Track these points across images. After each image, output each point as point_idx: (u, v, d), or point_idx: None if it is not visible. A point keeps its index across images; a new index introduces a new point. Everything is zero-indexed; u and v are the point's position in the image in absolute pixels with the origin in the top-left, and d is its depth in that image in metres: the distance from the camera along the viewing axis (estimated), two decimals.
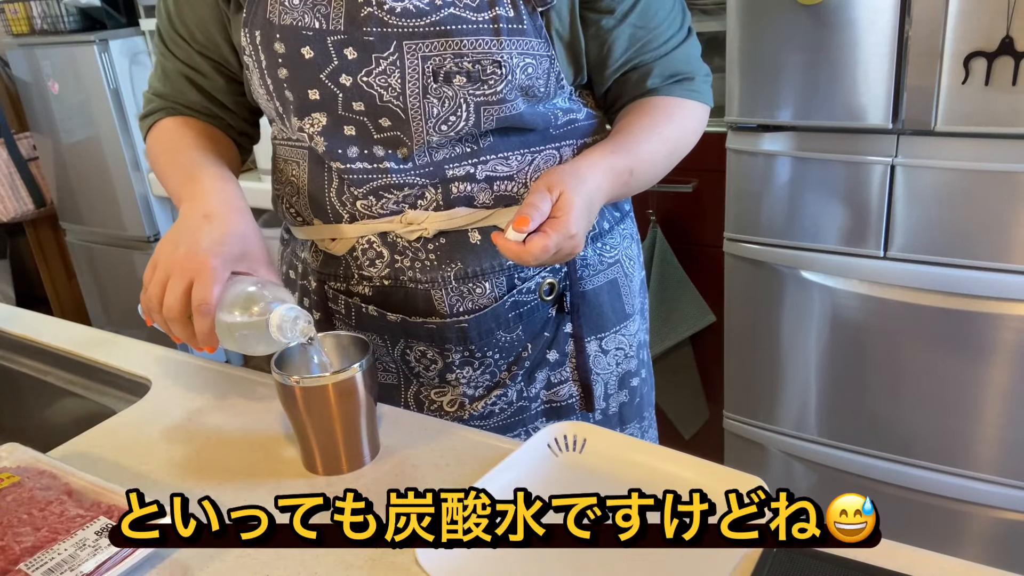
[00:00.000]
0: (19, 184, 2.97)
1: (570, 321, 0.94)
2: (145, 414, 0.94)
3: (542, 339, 0.93)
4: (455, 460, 0.80)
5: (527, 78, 0.80)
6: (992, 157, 1.35)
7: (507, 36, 0.78)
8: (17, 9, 2.69)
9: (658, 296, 1.91)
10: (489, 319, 0.89)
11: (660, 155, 0.86)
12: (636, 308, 1.01)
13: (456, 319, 0.88)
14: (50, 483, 0.74)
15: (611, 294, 0.96)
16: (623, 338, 0.99)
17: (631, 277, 0.99)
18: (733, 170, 1.62)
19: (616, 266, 0.97)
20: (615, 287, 0.97)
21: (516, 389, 0.94)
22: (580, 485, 0.73)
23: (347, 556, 0.68)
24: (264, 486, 0.78)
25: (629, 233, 1.01)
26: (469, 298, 0.88)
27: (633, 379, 1.03)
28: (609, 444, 0.78)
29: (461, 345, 0.90)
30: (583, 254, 0.92)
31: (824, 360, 1.64)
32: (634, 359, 1.02)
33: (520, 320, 0.90)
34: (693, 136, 0.91)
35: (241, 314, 0.73)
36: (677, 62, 0.89)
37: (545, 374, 0.95)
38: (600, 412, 1.01)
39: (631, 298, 1.00)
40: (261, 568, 0.68)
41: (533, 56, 0.80)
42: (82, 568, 0.64)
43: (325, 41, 0.78)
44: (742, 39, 1.51)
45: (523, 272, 0.89)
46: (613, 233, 0.97)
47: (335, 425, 0.77)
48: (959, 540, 1.61)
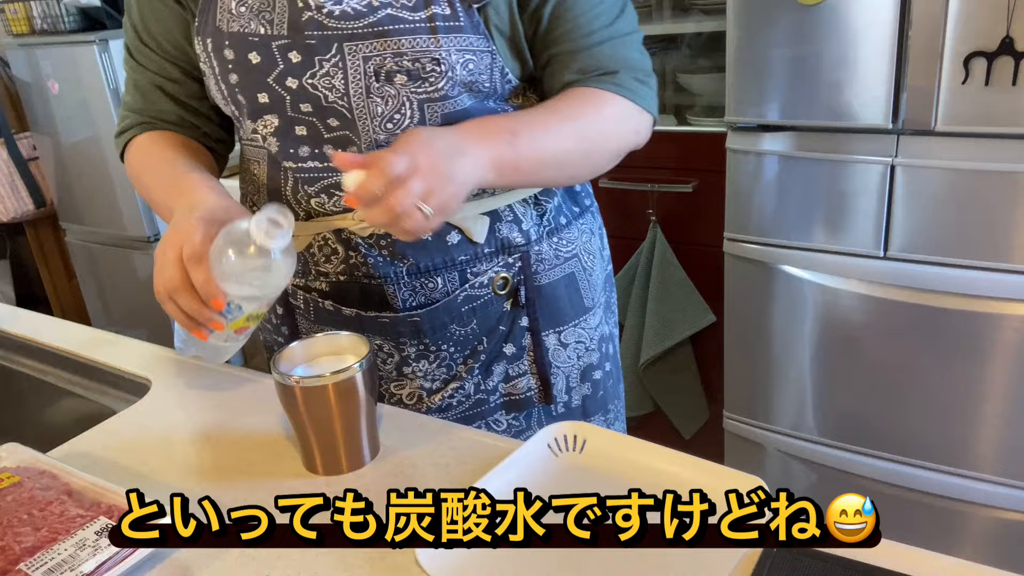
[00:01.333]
0: (19, 184, 2.97)
1: (526, 315, 0.94)
2: (145, 414, 0.94)
3: (497, 333, 0.94)
4: (455, 460, 0.80)
5: (468, 74, 0.82)
6: (992, 157, 1.35)
7: (444, 34, 0.79)
8: (17, 9, 2.69)
9: (658, 296, 1.91)
10: (442, 313, 0.90)
11: (560, 131, 0.82)
12: (598, 302, 1.01)
13: (409, 313, 0.89)
14: (50, 483, 0.74)
15: (569, 288, 0.97)
16: (583, 331, 1.00)
17: (591, 271, 1.00)
18: (733, 170, 1.62)
19: (574, 260, 0.97)
20: (573, 281, 0.97)
21: (473, 382, 0.95)
22: (580, 485, 0.73)
23: (347, 556, 0.68)
24: (264, 486, 0.78)
25: (589, 228, 1.01)
26: (422, 292, 0.90)
27: (596, 372, 1.03)
28: (609, 444, 0.78)
29: (416, 339, 0.91)
30: (537, 249, 0.92)
31: (824, 360, 1.64)
32: (596, 352, 1.02)
33: (474, 314, 0.92)
34: (613, 125, 0.87)
35: (233, 252, 0.72)
36: (603, 57, 0.86)
37: (503, 367, 0.96)
38: (563, 405, 1.01)
39: (591, 292, 1.00)
40: (261, 568, 0.68)
41: (473, 52, 0.81)
42: (82, 568, 0.64)
43: (270, 46, 0.80)
44: (742, 39, 1.51)
45: (475, 267, 0.90)
46: (571, 228, 0.97)
47: (335, 425, 0.77)
48: (959, 540, 1.61)
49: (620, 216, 2.00)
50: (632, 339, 1.98)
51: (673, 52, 2.09)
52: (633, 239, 1.99)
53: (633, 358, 1.99)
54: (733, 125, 1.59)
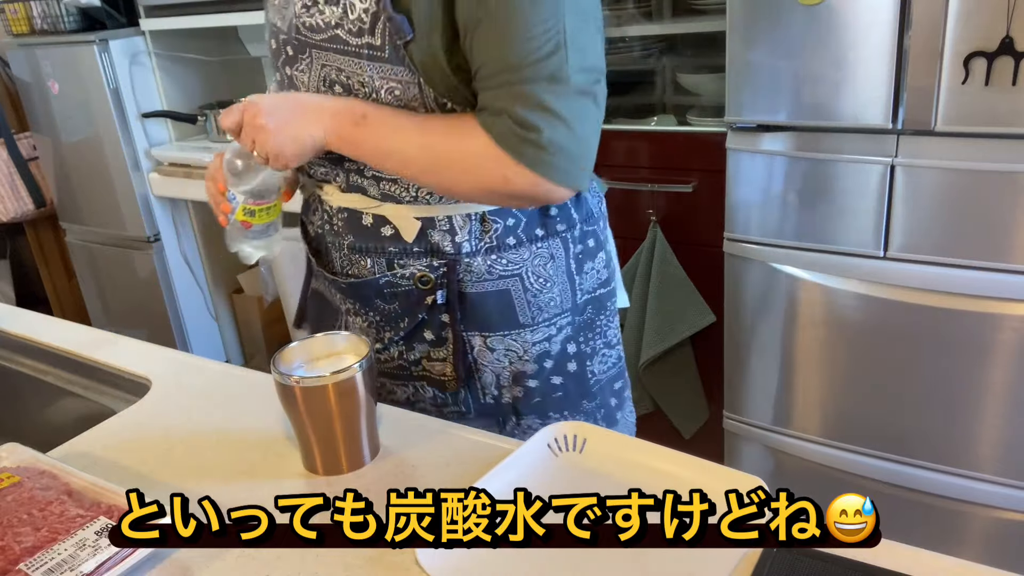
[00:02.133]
0: (19, 184, 2.97)
1: (446, 313, 0.99)
2: (145, 414, 0.94)
3: (418, 319, 1.00)
4: (455, 460, 0.80)
5: (395, 99, 0.89)
6: (992, 157, 1.35)
7: (369, 62, 0.88)
8: (17, 9, 2.69)
9: (658, 296, 1.91)
10: (366, 288, 1.00)
11: (407, 136, 0.88)
12: (541, 321, 1.02)
13: (343, 279, 1.02)
14: (50, 483, 0.74)
15: (500, 303, 0.99)
16: (515, 343, 1.02)
17: (538, 293, 1.00)
18: (733, 170, 1.62)
19: (513, 279, 0.99)
20: (507, 297, 0.99)
21: (397, 350, 1.04)
22: (580, 485, 0.73)
23: (347, 556, 0.68)
24: (264, 486, 0.78)
25: (550, 253, 1.00)
26: (355, 266, 1.01)
27: (530, 380, 1.04)
28: (609, 444, 0.78)
29: (351, 300, 1.03)
30: (468, 260, 0.97)
31: (824, 360, 1.64)
32: (532, 364, 1.03)
33: (396, 298, 0.99)
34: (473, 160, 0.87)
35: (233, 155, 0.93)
36: (494, 97, 0.85)
37: (424, 348, 1.02)
38: (491, 398, 1.04)
39: (531, 311, 1.01)
40: (261, 568, 0.68)
41: (398, 81, 0.88)
42: (82, 568, 0.64)
43: (279, 37, 0.95)
44: (742, 39, 1.51)
45: (402, 260, 0.98)
46: (520, 249, 0.98)
47: (335, 425, 0.77)
48: (959, 540, 1.61)
49: (620, 216, 1.99)
50: (632, 339, 1.98)
51: (673, 52, 2.09)
52: (633, 239, 1.99)
53: (633, 358, 1.99)
54: (733, 125, 1.59)
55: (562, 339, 1.04)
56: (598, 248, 1.06)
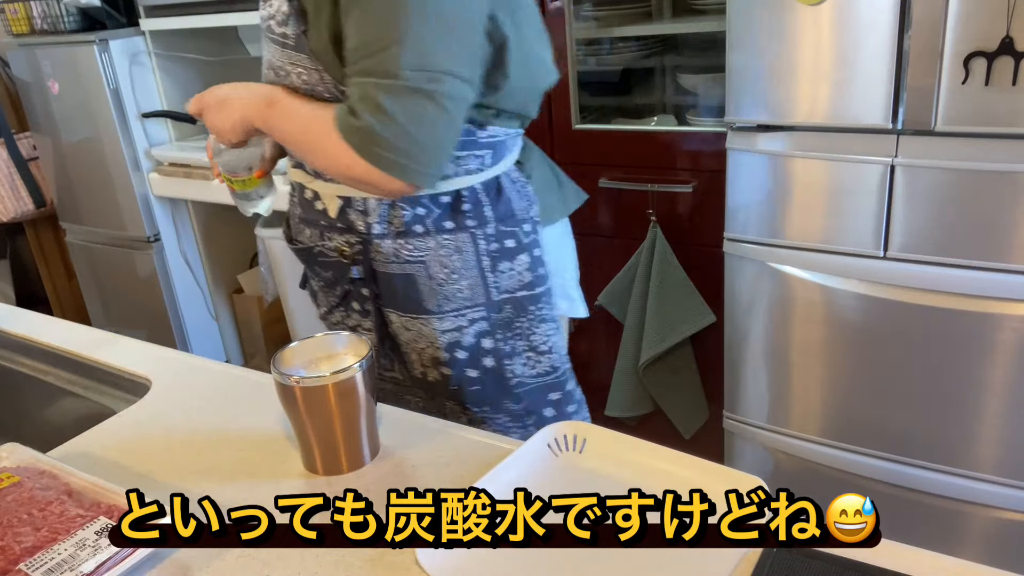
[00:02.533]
0: (19, 184, 2.97)
1: (365, 288, 1.09)
2: (145, 414, 0.94)
3: (345, 289, 1.12)
4: (455, 460, 0.80)
5: (303, 84, 0.99)
6: (992, 157, 1.35)
7: (283, 49, 0.99)
8: (17, 9, 2.69)
9: (658, 296, 1.91)
10: (306, 254, 1.13)
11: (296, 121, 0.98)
12: (449, 311, 1.07)
13: (294, 244, 1.15)
14: (50, 483, 0.74)
15: (406, 286, 1.06)
16: (424, 327, 1.08)
17: (444, 283, 1.06)
18: (733, 170, 1.62)
19: (418, 265, 1.05)
20: (412, 282, 1.06)
21: (340, 315, 1.16)
22: (580, 485, 0.73)
23: (347, 556, 0.68)
24: (264, 486, 0.78)
25: (457, 247, 1.05)
26: (301, 234, 1.13)
27: (444, 367, 1.10)
28: (609, 444, 0.78)
29: (302, 264, 1.18)
30: (377, 241, 1.05)
31: (824, 360, 1.64)
32: (444, 352, 1.09)
33: (328, 267, 1.11)
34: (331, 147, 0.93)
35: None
36: (351, 87, 0.91)
37: (357, 317, 1.14)
38: (419, 373, 1.12)
39: (437, 299, 1.06)
40: (261, 568, 0.68)
41: (304, 68, 0.98)
42: (82, 568, 0.64)
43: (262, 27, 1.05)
44: (742, 39, 1.51)
45: (329, 233, 1.08)
46: (426, 238, 1.04)
47: (335, 425, 0.77)
48: (959, 540, 1.61)
49: (620, 216, 2.00)
50: (632, 339, 1.98)
51: (673, 52, 2.10)
52: (633, 239, 1.99)
53: (633, 358, 1.99)
54: (733, 125, 1.59)
55: (475, 332, 1.08)
56: (520, 251, 1.08)
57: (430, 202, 1.03)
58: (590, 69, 2.05)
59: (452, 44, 0.89)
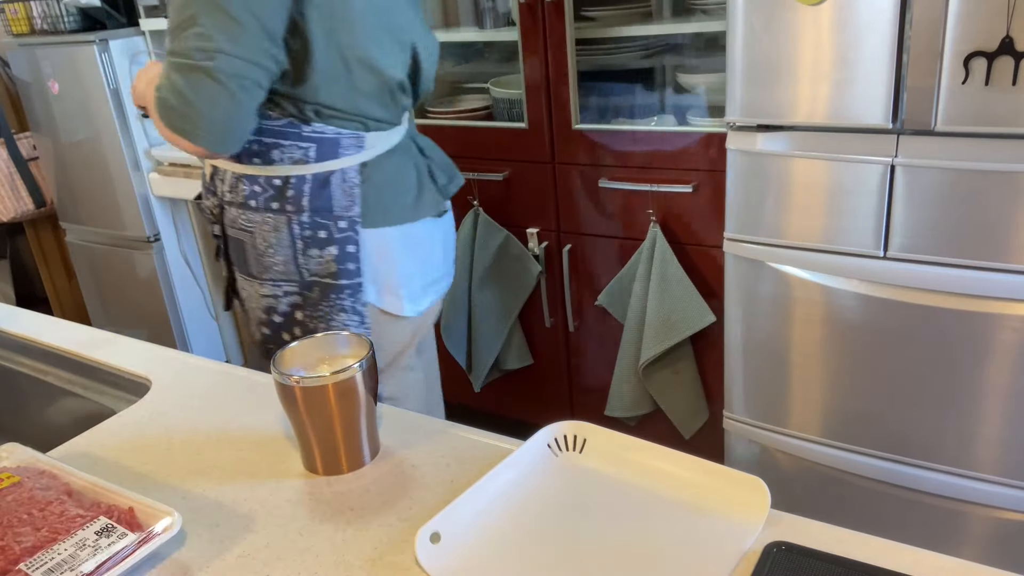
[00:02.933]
0: (19, 184, 2.97)
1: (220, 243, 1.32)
2: (145, 414, 0.94)
3: (216, 242, 1.33)
4: (455, 460, 0.80)
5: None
6: (992, 157, 1.35)
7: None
8: (17, 9, 2.69)
9: (658, 296, 1.91)
10: (199, 208, 1.30)
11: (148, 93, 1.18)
12: (270, 279, 1.26)
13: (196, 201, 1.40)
14: (50, 483, 0.74)
15: (238, 249, 1.27)
16: (251, 288, 1.29)
17: (263, 253, 1.24)
18: (733, 170, 1.62)
19: (248, 234, 1.25)
20: (243, 247, 1.26)
21: (218, 259, 1.36)
22: (580, 485, 0.73)
23: (347, 556, 0.68)
24: (264, 486, 0.78)
25: (275, 226, 1.22)
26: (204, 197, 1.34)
27: (264, 328, 1.30)
28: (609, 444, 0.78)
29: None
30: (227, 208, 1.26)
31: (824, 360, 1.64)
32: (262, 313, 1.29)
33: (208, 223, 1.33)
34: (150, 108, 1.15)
35: None
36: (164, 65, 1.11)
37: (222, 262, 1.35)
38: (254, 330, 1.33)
39: (260, 267, 1.26)
40: (261, 568, 0.68)
41: None
42: (82, 568, 0.64)
43: None
44: (742, 39, 1.51)
45: (207, 195, 1.30)
46: (256, 214, 1.22)
47: (335, 425, 0.77)
48: (959, 540, 1.61)
49: (620, 216, 2.00)
50: (632, 339, 1.98)
51: (673, 52, 2.09)
52: (633, 239, 1.99)
53: (633, 358, 1.99)
54: (733, 125, 1.59)
55: (289, 303, 1.26)
56: (330, 243, 1.21)
57: (265, 183, 1.21)
58: (590, 69, 2.05)
59: (235, 30, 1.04)
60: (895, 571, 0.60)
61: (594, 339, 2.17)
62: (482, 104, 2.20)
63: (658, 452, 0.76)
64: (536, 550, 0.64)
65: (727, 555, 0.63)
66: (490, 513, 0.70)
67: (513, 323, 2.22)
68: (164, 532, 0.68)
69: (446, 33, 2.21)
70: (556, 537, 0.67)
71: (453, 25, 2.32)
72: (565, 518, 0.69)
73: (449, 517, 0.68)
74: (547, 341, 2.24)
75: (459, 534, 0.67)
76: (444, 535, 0.66)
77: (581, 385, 2.26)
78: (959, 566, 0.61)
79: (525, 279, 2.16)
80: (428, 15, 2.28)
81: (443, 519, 0.67)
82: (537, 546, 0.66)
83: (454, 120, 2.17)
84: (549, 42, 1.92)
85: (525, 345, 2.27)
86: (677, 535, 0.65)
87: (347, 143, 1.20)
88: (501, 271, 2.18)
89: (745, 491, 0.68)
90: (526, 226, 2.13)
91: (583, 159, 1.98)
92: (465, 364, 2.30)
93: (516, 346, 2.25)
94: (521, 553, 0.63)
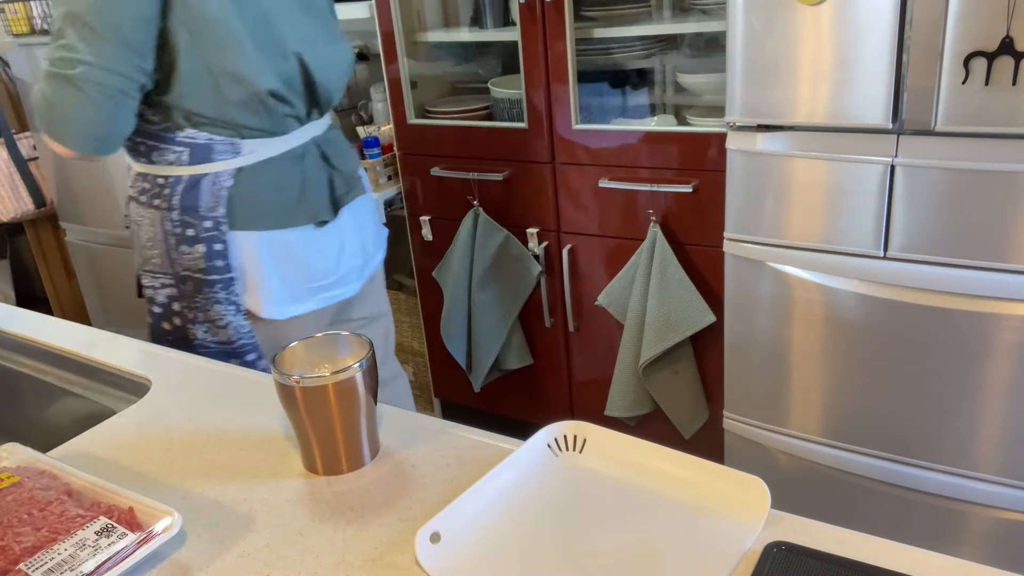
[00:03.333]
0: (19, 184, 2.97)
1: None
2: (145, 414, 0.94)
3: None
4: (455, 460, 0.80)
5: None
6: (992, 157, 1.35)
7: None
8: (17, 9, 2.69)
9: (658, 296, 1.91)
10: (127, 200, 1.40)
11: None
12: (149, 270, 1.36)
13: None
14: (50, 483, 0.74)
15: (132, 239, 1.39)
16: (140, 277, 1.39)
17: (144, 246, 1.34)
18: (733, 170, 1.62)
19: (136, 227, 1.36)
20: (134, 237, 1.37)
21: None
22: (580, 485, 0.73)
23: (347, 556, 0.68)
24: (264, 486, 0.78)
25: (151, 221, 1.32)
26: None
27: (149, 316, 1.39)
28: (609, 444, 0.78)
29: None
30: (129, 201, 1.38)
31: (824, 360, 1.64)
32: (147, 303, 1.38)
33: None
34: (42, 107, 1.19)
35: None
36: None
37: None
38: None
39: (142, 258, 1.36)
40: (261, 568, 0.68)
41: None
42: (82, 568, 0.64)
43: None
44: (742, 39, 1.51)
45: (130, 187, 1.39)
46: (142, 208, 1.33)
47: (335, 425, 0.77)
48: (959, 540, 1.61)
49: (620, 216, 2.00)
50: (632, 339, 1.98)
51: (673, 52, 2.09)
52: (633, 239, 1.99)
53: (633, 358, 1.99)
54: (733, 125, 1.59)
55: (167, 295, 1.35)
56: (197, 241, 1.29)
57: (152, 180, 1.31)
58: (590, 69, 2.05)
59: (96, 41, 1.12)
60: (895, 571, 0.60)
61: (594, 339, 2.17)
62: (482, 104, 2.20)
63: (658, 452, 0.76)
64: (536, 550, 0.64)
65: (727, 555, 0.63)
66: (490, 513, 0.70)
67: (513, 323, 2.23)
68: (164, 532, 0.68)
69: (446, 33, 2.21)
70: (556, 537, 0.67)
71: (453, 25, 2.32)
72: (565, 518, 0.69)
73: (449, 517, 0.68)
74: (547, 341, 2.24)
75: (459, 534, 0.67)
76: (444, 535, 0.66)
77: (581, 385, 2.26)
78: (959, 566, 0.61)
79: (525, 279, 2.17)
80: (428, 15, 2.28)
81: (443, 519, 0.67)
82: (537, 546, 0.66)
83: (454, 120, 2.17)
84: (549, 42, 1.92)
85: (525, 345, 2.27)
86: (677, 535, 0.65)
87: (221, 148, 1.27)
88: (501, 271, 2.18)
89: (745, 491, 0.68)
90: (526, 226, 2.13)
91: (583, 159, 1.98)
92: (465, 364, 2.30)
93: (516, 346, 2.26)
94: (521, 553, 0.63)
